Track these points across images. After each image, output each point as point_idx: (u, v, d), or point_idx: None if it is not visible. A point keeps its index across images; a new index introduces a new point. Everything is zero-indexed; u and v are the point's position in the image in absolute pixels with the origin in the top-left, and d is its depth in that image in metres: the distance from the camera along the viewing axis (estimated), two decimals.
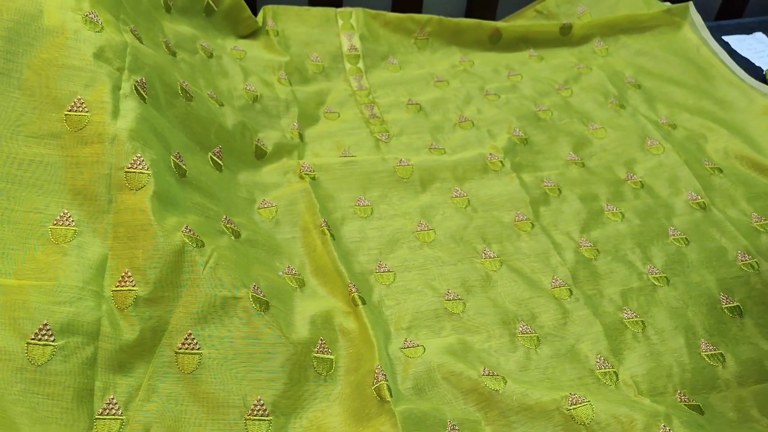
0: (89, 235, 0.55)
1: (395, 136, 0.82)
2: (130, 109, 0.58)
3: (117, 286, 0.53)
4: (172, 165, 0.61)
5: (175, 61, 0.73)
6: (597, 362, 0.60)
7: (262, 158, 0.75)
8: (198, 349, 0.53)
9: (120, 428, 0.50)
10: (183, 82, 0.69)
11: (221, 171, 0.69)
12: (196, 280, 0.54)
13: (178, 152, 0.63)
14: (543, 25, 1.02)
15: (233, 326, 0.54)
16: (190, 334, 0.53)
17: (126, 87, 0.59)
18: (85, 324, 0.51)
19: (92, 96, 0.57)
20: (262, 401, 0.53)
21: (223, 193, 0.66)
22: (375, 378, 0.53)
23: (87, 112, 0.56)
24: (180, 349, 0.53)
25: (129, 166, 0.55)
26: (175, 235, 0.54)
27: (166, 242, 0.54)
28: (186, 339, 0.53)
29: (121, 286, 0.53)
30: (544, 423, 0.53)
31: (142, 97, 0.60)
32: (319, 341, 0.57)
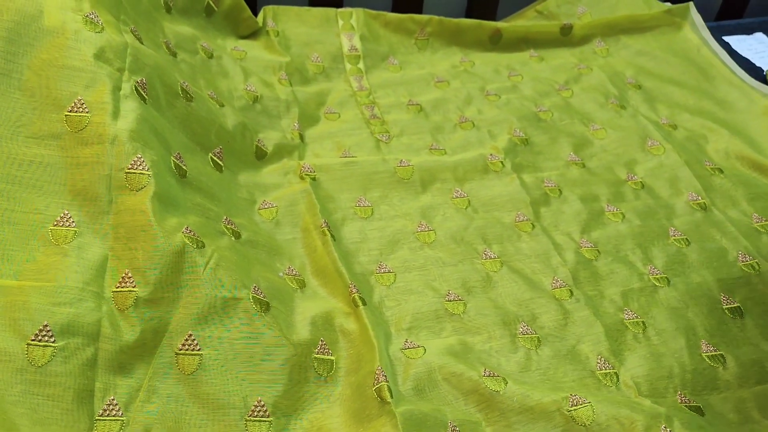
0: (89, 236, 0.55)
1: (396, 137, 0.82)
2: (131, 109, 0.58)
3: (117, 287, 0.53)
4: (173, 166, 0.61)
5: (176, 61, 0.73)
6: (598, 363, 0.60)
7: (262, 159, 0.75)
8: (198, 350, 0.53)
9: (120, 429, 0.50)
10: (183, 82, 0.69)
11: (221, 171, 0.69)
12: (196, 280, 0.54)
13: (179, 153, 0.63)
14: (543, 26, 1.02)
15: (234, 327, 0.54)
16: (191, 334, 0.53)
17: (126, 87, 0.59)
18: (86, 325, 0.51)
19: (92, 96, 0.57)
20: (262, 402, 0.53)
21: (223, 193, 0.66)
22: (375, 379, 0.53)
23: (87, 112, 0.56)
24: (180, 350, 0.53)
25: (129, 166, 0.55)
26: (176, 235, 0.54)
27: (167, 243, 0.54)
28: (186, 340, 0.53)
29: (122, 287, 0.53)
30: (545, 424, 0.53)
31: (142, 97, 0.60)
32: (320, 342, 0.57)
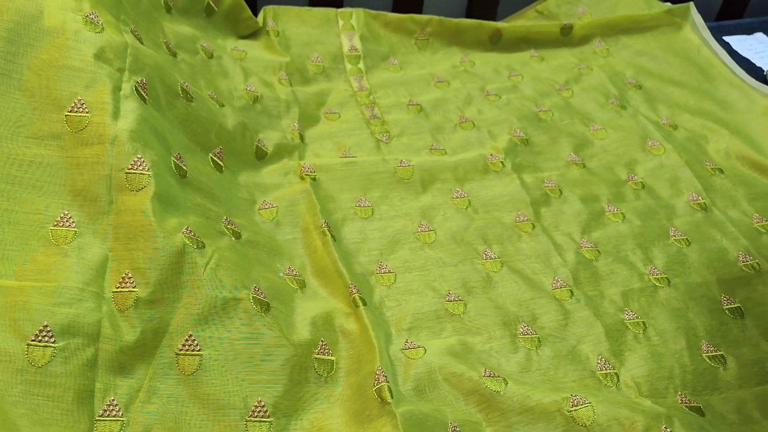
0: (90, 237, 0.55)
1: (396, 137, 0.82)
2: (131, 109, 0.58)
3: (117, 288, 0.53)
4: (173, 166, 0.61)
5: (176, 61, 0.73)
6: (598, 363, 0.60)
7: (262, 159, 0.75)
8: (198, 351, 0.53)
9: (121, 429, 0.50)
10: (183, 82, 0.69)
11: (222, 172, 0.69)
12: (196, 281, 0.54)
13: (179, 153, 0.63)
14: (544, 26, 1.02)
15: (234, 327, 0.54)
16: (191, 335, 0.53)
17: (126, 88, 0.59)
18: (86, 325, 0.51)
19: (92, 97, 0.57)
20: (262, 402, 0.53)
21: (223, 193, 0.66)
22: (376, 379, 0.53)
23: (87, 112, 0.56)
24: (181, 350, 0.53)
25: (129, 167, 0.55)
26: (176, 236, 0.54)
27: (167, 243, 0.54)
28: (187, 340, 0.53)
29: (122, 288, 0.53)
30: (546, 424, 0.53)
31: (142, 97, 0.60)
32: (320, 342, 0.57)
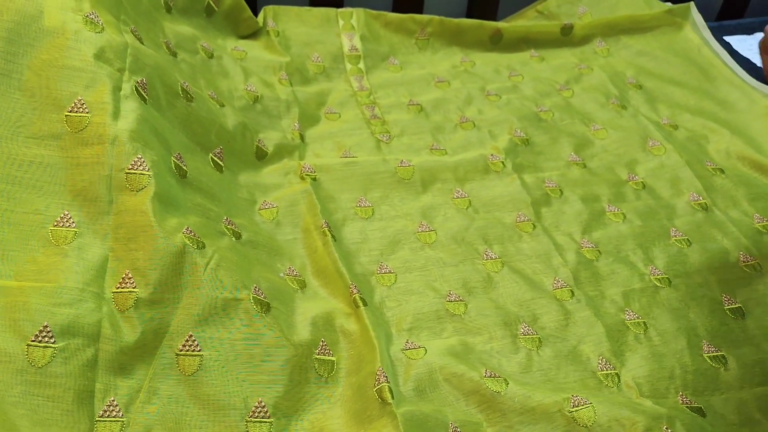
0: (90, 237, 0.54)
1: (396, 137, 0.82)
2: (131, 110, 0.58)
3: (118, 288, 0.53)
4: (173, 166, 0.61)
5: (176, 61, 0.73)
6: (599, 364, 0.60)
7: (262, 159, 0.75)
8: (199, 351, 0.53)
9: (121, 430, 0.50)
10: (183, 82, 0.69)
11: (222, 172, 0.69)
12: (197, 281, 0.54)
13: (179, 153, 0.62)
14: (544, 26, 1.02)
15: (234, 328, 0.54)
16: (191, 335, 0.53)
17: (126, 88, 0.59)
18: (86, 326, 0.50)
19: (93, 97, 0.57)
20: (263, 403, 0.53)
21: (223, 194, 0.66)
22: (376, 380, 0.53)
23: (87, 113, 0.56)
24: (181, 350, 0.53)
25: (129, 167, 0.55)
26: (176, 236, 0.54)
27: (167, 243, 0.53)
28: (187, 341, 0.53)
29: (122, 288, 0.53)
30: (546, 425, 0.53)
31: (142, 97, 0.60)
32: (320, 343, 0.57)
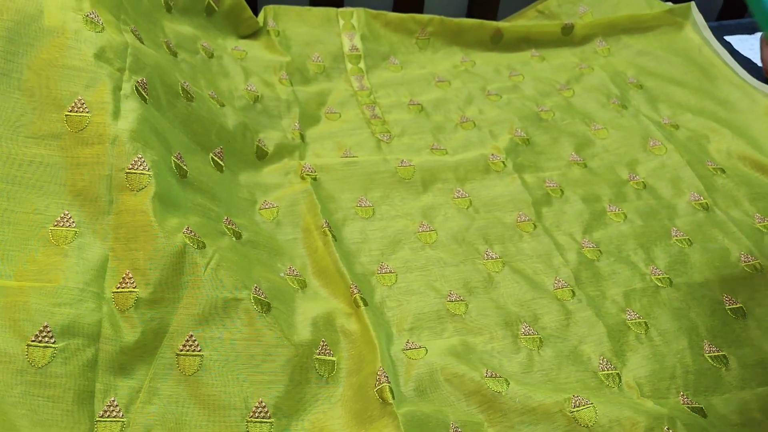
0: (90, 237, 0.54)
1: (397, 137, 0.82)
2: (131, 109, 0.58)
3: (118, 288, 0.53)
4: (173, 166, 0.61)
5: (176, 61, 0.73)
6: (600, 364, 0.60)
7: (263, 159, 0.75)
8: (199, 351, 0.53)
9: (121, 430, 0.50)
10: (184, 82, 0.69)
11: (222, 171, 0.69)
12: (197, 281, 0.54)
13: (179, 153, 0.62)
14: (544, 25, 1.02)
15: (234, 328, 0.54)
16: (192, 335, 0.53)
17: (127, 87, 0.59)
18: (86, 326, 0.50)
19: (93, 96, 0.57)
20: (263, 403, 0.53)
21: (224, 193, 0.66)
22: (377, 380, 0.53)
23: (87, 112, 0.56)
24: (181, 351, 0.53)
25: (130, 167, 0.55)
26: (176, 236, 0.54)
27: (167, 243, 0.53)
28: (187, 341, 0.53)
29: (122, 288, 0.53)
30: (547, 425, 0.53)
31: (143, 97, 0.60)
32: (321, 343, 0.57)
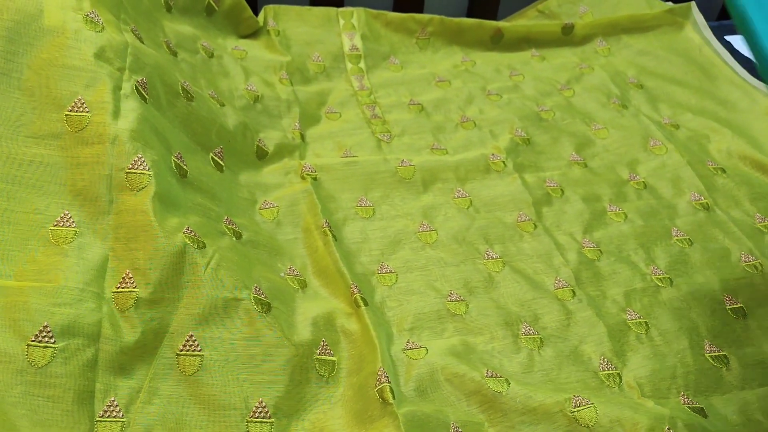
0: (90, 236, 0.54)
1: (397, 137, 0.82)
2: (131, 109, 0.58)
3: (118, 288, 0.53)
4: (173, 165, 0.60)
5: (176, 61, 0.73)
6: (600, 364, 0.60)
7: (263, 158, 0.75)
8: (199, 351, 0.53)
9: (121, 430, 0.50)
10: (184, 82, 0.68)
11: (222, 171, 0.69)
12: (197, 281, 0.54)
13: (179, 153, 0.62)
14: (545, 25, 1.02)
15: (235, 328, 0.54)
16: (192, 335, 0.53)
17: (127, 87, 0.59)
18: (86, 326, 0.50)
19: (93, 96, 0.57)
20: (263, 403, 0.52)
21: (224, 193, 0.66)
22: (377, 380, 0.53)
23: (87, 112, 0.56)
24: (181, 351, 0.52)
25: (130, 166, 0.55)
26: (177, 236, 0.54)
27: (168, 243, 0.53)
28: (187, 341, 0.53)
29: (122, 288, 0.53)
30: (548, 425, 0.53)
31: (143, 97, 0.60)
32: (321, 343, 0.57)
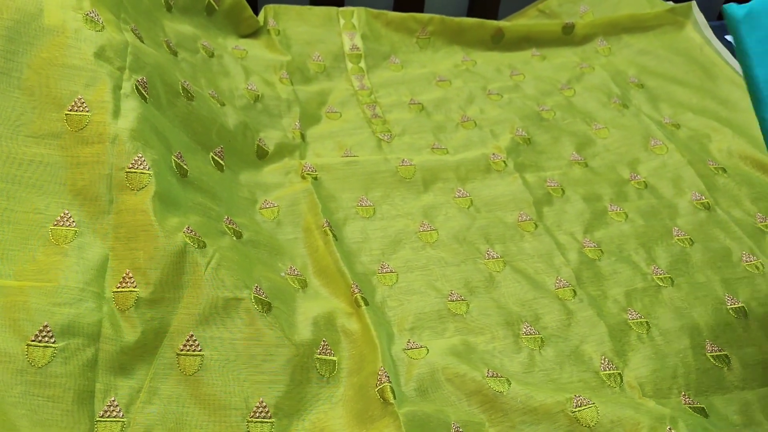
0: (90, 236, 0.54)
1: (397, 136, 0.82)
2: (131, 108, 0.58)
3: (118, 288, 0.53)
4: (174, 165, 0.60)
5: (177, 60, 0.73)
6: (601, 364, 0.60)
7: (263, 158, 0.75)
8: (200, 351, 0.53)
9: (121, 430, 0.50)
10: (184, 81, 0.68)
11: (223, 171, 0.69)
12: (197, 281, 0.54)
13: (180, 152, 0.62)
14: (545, 25, 1.02)
15: (235, 327, 0.54)
16: (192, 335, 0.53)
17: (127, 86, 0.59)
18: (86, 325, 0.50)
19: (93, 95, 0.56)
20: (264, 403, 0.52)
21: (224, 193, 0.65)
22: (378, 380, 0.53)
23: (88, 111, 0.56)
24: (182, 350, 0.52)
25: (130, 166, 0.55)
26: (177, 235, 0.54)
27: (168, 243, 0.53)
28: (188, 341, 0.53)
29: (123, 288, 0.53)
30: (549, 425, 0.53)
31: (143, 96, 0.60)
32: (322, 342, 0.57)
